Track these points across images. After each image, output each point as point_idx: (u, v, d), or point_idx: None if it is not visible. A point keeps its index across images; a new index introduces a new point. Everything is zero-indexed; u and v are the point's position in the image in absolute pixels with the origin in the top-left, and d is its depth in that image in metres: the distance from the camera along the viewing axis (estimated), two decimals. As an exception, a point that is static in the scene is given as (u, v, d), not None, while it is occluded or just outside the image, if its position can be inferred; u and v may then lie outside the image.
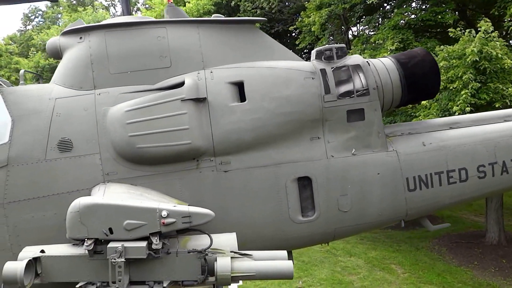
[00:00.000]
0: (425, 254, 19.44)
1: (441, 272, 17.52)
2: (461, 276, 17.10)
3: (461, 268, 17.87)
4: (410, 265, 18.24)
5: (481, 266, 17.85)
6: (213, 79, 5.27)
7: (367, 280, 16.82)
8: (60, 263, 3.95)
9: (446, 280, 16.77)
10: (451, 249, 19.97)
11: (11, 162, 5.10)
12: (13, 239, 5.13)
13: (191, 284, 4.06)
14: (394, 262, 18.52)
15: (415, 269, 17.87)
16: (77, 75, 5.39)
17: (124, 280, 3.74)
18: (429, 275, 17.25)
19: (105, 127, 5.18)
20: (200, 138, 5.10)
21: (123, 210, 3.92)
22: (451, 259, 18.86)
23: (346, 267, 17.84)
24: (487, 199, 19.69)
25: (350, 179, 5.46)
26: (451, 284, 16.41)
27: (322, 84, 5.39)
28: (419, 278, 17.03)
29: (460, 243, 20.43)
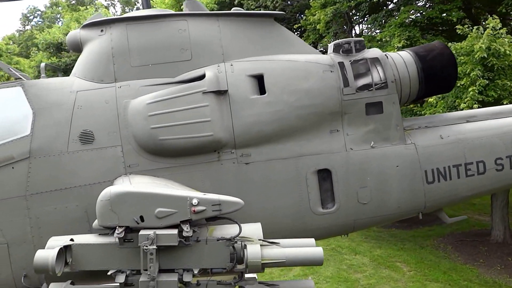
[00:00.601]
0: (430, 252, 19.46)
1: (447, 270, 17.54)
2: (467, 274, 17.12)
3: (466, 266, 17.90)
4: (415, 263, 18.26)
5: (487, 264, 17.87)
6: (233, 72, 5.30)
7: (373, 278, 16.84)
8: (90, 251, 3.97)
9: (452, 278, 16.79)
10: (456, 247, 19.99)
11: (33, 154, 5.12)
12: (35, 231, 5.15)
13: (219, 272, 4.10)
14: (399, 260, 18.53)
15: (420, 267, 17.89)
16: (98, 68, 5.42)
17: (155, 268, 3.76)
18: (435, 273, 17.27)
19: (127, 119, 5.21)
20: (222, 130, 5.13)
21: (154, 198, 3.94)
22: (456, 257, 18.88)
23: (351, 265, 17.86)
24: (492, 197, 19.73)
25: (369, 172, 5.50)
26: (457, 281, 16.43)
27: (341, 77, 5.43)
28: (425, 276, 17.05)
29: (465, 241, 20.45)
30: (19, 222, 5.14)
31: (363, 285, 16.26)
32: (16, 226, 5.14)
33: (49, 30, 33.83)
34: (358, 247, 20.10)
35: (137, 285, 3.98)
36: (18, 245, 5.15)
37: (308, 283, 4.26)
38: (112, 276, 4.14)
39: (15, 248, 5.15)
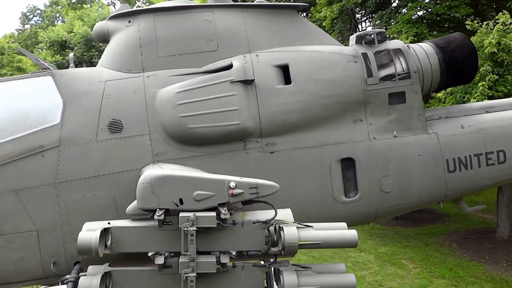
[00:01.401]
0: (435, 250, 19.53)
1: (453, 266, 17.63)
2: (473, 270, 17.20)
3: (472, 263, 17.98)
4: (421, 260, 18.34)
5: (493, 261, 17.95)
6: (259, 62, 5.38)
7: (379, 275, 16.91)
8: (130, 234, 4.05)
9: (459, 275, 16.86)
10: (461, 244, 20.07)
11: (63, 142, 5.20)
12: (64, 218, 5.22)
13: (255, 254, 4.18)
14: (404, 258, 18.62)
15: (426, 264, 17.97)
16: (126, 58, 5.50)
17: (194, 249, 3.84)
18: (440, 269, 17.35)
19: (155, 108, 5.28)
20: (249, 119, 5.21)
21: (193, 181, 4.01)
22: (462, 254, 18.95)
23: (357, 262, 17.94)
24: (498, 195, 19.80)
25: (391, 161, 5.58)
26: (463, 278, 16.51)
27: (365, 67, 5.52)
28: (431, 273, 17.13)
29: (470, 239, 20.54)
30: (49, 209, 5.21)
31: (370, 282, 16.33)
32: (45, 214, 5.21)
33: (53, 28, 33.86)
34: (363, 244, 20.17)
35: (175, 266, 4.06)
36: (47, 233, 5.22)
37: (340, 266, 4.35)
38: (147, 259, 4.22)
39: (45, 236, 5.22)
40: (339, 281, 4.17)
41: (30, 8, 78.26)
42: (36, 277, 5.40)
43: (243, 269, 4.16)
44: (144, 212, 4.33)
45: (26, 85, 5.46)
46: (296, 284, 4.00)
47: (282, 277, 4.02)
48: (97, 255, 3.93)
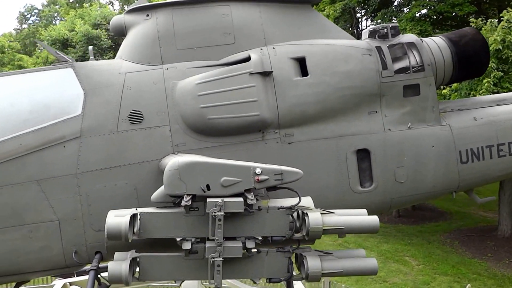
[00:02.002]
0: (437, 247, 19.70)
1: (455, 264, 17.79)
2: (475, 267, 17.36)
3: (475, 260, 18.14)
4: (423, 257, 18.49)
5: (495, 258, 18.10)
6: (276, 54, 5.47)
7: (382, 271, 17.03)
8: (157, 220, 4.11)
9: (461, 272, 17.02)
10: (463, 242, 20.24)
11: (84, 133, 5.26)
12: (85, 208, 5.29)
13: (279, 240, 4.26)
14: (407, 255, 18.76)
15: (429, 261, 18.12)
16: (145, 51, 5.58)
17: (222, 233, 3.92)
18: (443, 266, 17.51)
19: (174, 99, 5.36)
20: (267, 110, 5.29)
21: (220, 168, 4.08)
22: (464, 252, 19.12)
23: (361, 258, 18.00)
24: (500, 193, 19.95)
25: (406, 152, 5.67)
26: (466, 275, 16.67)
27: (379, 60, 5.61)
28: (433, 270, 17.28)
29: (472, 237, 20.70)
30: (70, 199, 5.27)
31: (373, 277, 16.43)
32: (67, 204, 5.27)
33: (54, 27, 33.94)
34: (365, 242, 20.33)
35: (201, 252, 4.14)
36: (69, 222, 5.28)
37: (360, 252, 4.44)
38: (170, 246, 4.30)
39: (66, 225, 5.28)
40: (361, 265, 4.27)
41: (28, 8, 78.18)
42: (58, 266, 5.45)
43: (267, 254, 4.25)
44: (168, 200, 4.40)
45: (48, 77, 5.53)
46: (320, 268, 4.09)
47: (306, 261, 4.10)
48: (126, 240, 4.00)
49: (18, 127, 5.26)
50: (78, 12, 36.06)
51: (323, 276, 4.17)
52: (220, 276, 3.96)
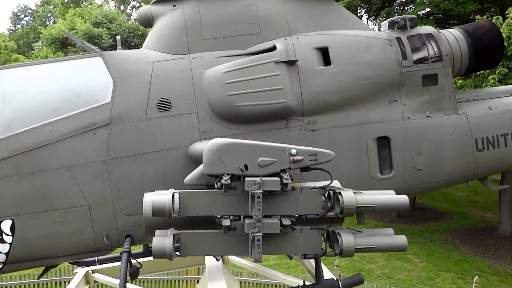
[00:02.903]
0: (439, 246, 19.90)
1: (458, 261, 17.99)
2: (478, 265, 17.56)
3: (477, 258, 18.35)
4: (426, 255, 18.68)
5: (497, 256, 18.32)
6: (300, 44, 5.63)
7: (386, 268, 17.20)
8: (197, 198, 4.23)
9: (464, 268, 17.22)
10: (464, 241, 20.45)
11: (114, 120, 5.40)
12: (115, 194, 5.42)
13: (312, 218, 4.41)
14: (410, 253, 18.93)
15: (431, 258, 18.31)
16: (172, 41, 5.73)
17: (261, 210, 4.07)
18: (446, 264, 17.70)
19: (202, 88, 5.51)
20: (292, 98, 5.45)
21: (257, 148, 4.21)
22: (465, 250, 19.33)
23: (364, 256, 18.21)
24: (500, 192, 20.16)
25: (424, 139, 5.84)
26: (469, 271, 16.87)
27: (399, 50, 5.79)
28: (437, 267, 17.47)
29: (473, 236, 20.91)
30: (100, 185, 5.40)
31: (378, 274, 16.62)
32: (97, 189, 5.40)
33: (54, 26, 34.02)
34: (368, 241, 20.39)
35: (238, 229, 4.29)
36: (98, 207, 5.41)
37: (389, 231, 4.59)
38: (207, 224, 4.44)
39: (96, 210, 5.41)
40: (391, 241, 4.41)
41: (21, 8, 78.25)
42: (88, 250, 5.58)
43: (301, 232, 4.39)
44: (202, 182, 4.54)
45: (77, 66, 5.67)
46: (354, 244, 4.23)
47: (341, 238, 4.25)
48: (170, 217, 4.14)
49: (49, 114, 5.39)
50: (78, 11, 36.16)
51: (356, 252, 4.32)
52: (260, 250, 4.11)
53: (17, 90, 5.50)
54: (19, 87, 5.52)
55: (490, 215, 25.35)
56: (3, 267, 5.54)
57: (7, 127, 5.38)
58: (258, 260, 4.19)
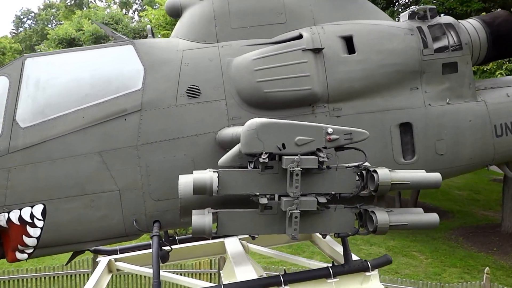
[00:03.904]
0: (443, 243, 20.05)
1: (463, 257, 18.14)
2: (483, 260, 17.71)
3: (481, 254, 18.50)
4: (430, 252, 18.82)
5: (501, 252, 18.48)
6: (325, 33, 5.79)
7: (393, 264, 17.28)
8: (235, 177, 4.35)
9: (469, 264, 17.37)
10: (467, 238, 20.61)
11: (144, 107, 5.53)
12: (145, 179, 5.54)
13: (346, 197, 4.55)
14: (414, 250, 19.08)
15: (436, 255, 18.45)
16: (201, 30, 5.88)
17: (299, 188, 4.20)
18: (451, 260, 17.85)
19: (230, 75, 5.65)
20: (318, 85, 5.60)
21: (295, 128, 4.33)
22: (469, 247, 19.49)
23: (369, 254, 18.34)
24: (504, 189, 20.34)
25: (445, 126, 6.00)
26: (474, 267, 17.02)
27: (420, 39, 5.95)
28: (442, 263, 17.62)
29: (476, 233, 21.08)
30: (130, 170, 5.52)
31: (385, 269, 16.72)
32: (127, 174, 5.52)
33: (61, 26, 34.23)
34: (372, 238, 20.60)
35: (274, 208, 4.42)
36: (129, 192, 5.53)
37: (419, 209, 4.73)
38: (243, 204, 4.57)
39: (126, 195, 5.53)
40: (423, 218, 4.56)
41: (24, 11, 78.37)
42: (117, 235, 5.69)
43: (335, 210, 4.52)
44: (235, 164, 4.67)
45: (109, 53, 5.80)
46: (388, 221, 4.38)
47: (375, 215, 4.39)
48: (211, 194, 4.27)
49: (81, 100, 5.52)
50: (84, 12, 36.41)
51: (389, 229, 4.46)
52: (297, 227, 4.24)
53: (50, 77, 5.62)
54: (53, 74, 5.65)
55: (492, 213, 25.53)
56: (33, 252, 5.65)
57: (41, 113, 5.50)
58: (295, 237, 4.32)
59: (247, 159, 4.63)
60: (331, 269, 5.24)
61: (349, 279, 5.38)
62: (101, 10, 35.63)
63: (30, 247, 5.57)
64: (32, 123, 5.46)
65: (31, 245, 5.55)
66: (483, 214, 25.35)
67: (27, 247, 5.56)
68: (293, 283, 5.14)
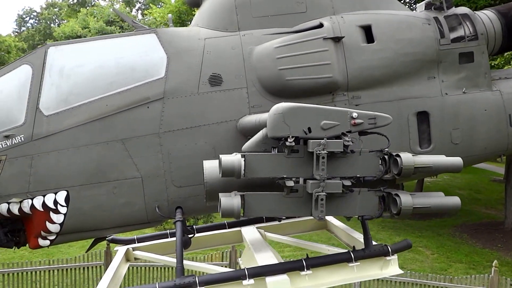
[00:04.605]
0: (448, 239, 20.14)
1: (468, 253, 18.24)
2: (488, 256, 17.81)
3: (486, 250, 18.60)
4: (436, 247, 18.92)
5: (505, 248, 18.58)
6: (345, 22, 5.87)
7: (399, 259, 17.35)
8: (261, 161, 4.43)
9: (475, 260, 17.47)
10: (472, 234, 20.71)
11: (167, 95, 5.60)
12: (167, 166, 5.61)
13: (370, 180, 4.64)
14: (420, 246, 19.16)
15: (442, 251, 18.54)
16: (223, 19, 5.96)
17: (325, 170, 4.29)
18: (457, 255, 17.95)
19: (252, 64, 5.73)
20: (338, 73, 5.68)
21: (320, 112, 4.42)
22: (474, 243, 19.58)
23: (375, 249, 18.39)
24: (506, 186, 20.43)
25: (461, 115, 6.08)
26: (480, 262, 17.12)
27: (437, 29, 6.04)
28: (448, 258, 17.71)
29: (480, 230, 21.18)
30: (153, 157, 5.60)
31: (392, 265, 16.80)
32: (149, 162, 5.60)
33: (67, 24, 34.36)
34: (377, 234, 20.69)
35: (300, 191, 4.50)
36: (151, 179, 5.61)
37: (440, 193, 4.81)
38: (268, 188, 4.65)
39: (149, 182, 5.61)
40: (446, 201, 4.64)
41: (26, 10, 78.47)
42: (139, 222, 5.77)
43: (359, 193, 4.61)
44: (259, 150, 4.74)
45: (132, 42, 5.87)
46: (412, 203, 4.47)
47: (399, 198, 4.48)
48: (238, 176, 4.36)
49: (104, 89, 5.59)
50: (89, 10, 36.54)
51: (413, 212, 4.54)
52: (323, 209, 4.32)
53: (73, 65, 5.69)
54: (76, 62, 5.71)
55: (494, 211, 25.64)
56: (56, 238, 5.74)
57: (64, 101, 5.57)
58: (322, 218, 4.41)
59: (271, 145, 4.71)
60: (352, 254, 5.33)
61: (369, 264, 5.47)
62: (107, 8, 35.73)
63: (53, 233, 5.65)
64: (56, 111, 5.54)
65: (54, 231, 5.62)
66: (485, 212, 25.45)
67: (50, 233, 5.64)
68: (315, 267, 5.23)
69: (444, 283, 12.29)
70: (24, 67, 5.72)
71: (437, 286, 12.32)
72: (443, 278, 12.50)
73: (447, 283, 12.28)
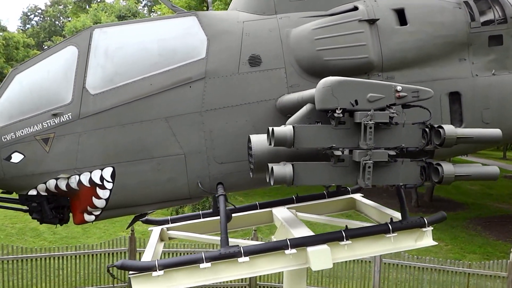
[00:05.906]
0: (461, 231, 20.29)
1: (481, 244, 18.39)
2: (501, 247, 17.96)
3: (499, 242, 18.75)
4: (450, 239, 19.07)
5: (519, 240, 18.70)
6: (378, 6, 6.07)
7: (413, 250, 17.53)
8: (309, 132, 4.66)
9: (488, 251, 17.62)
10: (485, 227, 20.84)
11: (208, 75, 5.84)
12: (208, 143, 5.85)
13: (413, 151, 4.86)
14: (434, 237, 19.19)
15: (456, 242, 18.71)
16: (260, 3, 6.17)
17: (372, 139, 4.51)
18: (470, 247, 18.10)
19: (289, 45, 5.95)
20: (373, 54, 5.88)
21: (367, 85, 4.65)
22: (487, 235, 19.73)
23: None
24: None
25: (491, 95, 6.26)
26: (493, 253, 17.26)
27: (468, 13, 6.23)
28: (462, 249, 17.86)
29: (493, 222, 21.33)
30: (195, 135, 5.83)
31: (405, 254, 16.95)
32: (192, 139, 5.83)
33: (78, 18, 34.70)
34: (391, 226, 20.79)
35: (347, 161, 4.72)
36: (193, 156, 5.84)
37: (477, 164, 5.02)
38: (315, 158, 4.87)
39: (191, 159, 5.84)
40: (485, 169, 4.85)
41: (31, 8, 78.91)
42: (182, 197, 6.01)
43: (402, 163, 4.83)
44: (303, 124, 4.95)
45: (174, 24, 6.11)
46: (454, 171, 4.68)
47: (441, 167, 4.69)
48: (291, 146, 4.58)
49: (148, 69, 5.82)
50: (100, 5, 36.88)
51: (455, 180, 4.75)
52: (370, 177, 4.54)
53: (118, 46, 5.92)
54: (120, 43, 5.95)
55: (506, 205, 25.74)
56: (101, 213, 5.98)
57: (110, 81, 5.81)
58: (368, 185, 4.63)
59: (315, 119, 4.93)
60: (390, 225, 5.54)
61: (405, 235, 5.69)
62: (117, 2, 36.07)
63: (98, 208, 5.89)
64: (102, 90, 5.77)
65: (100, 206, 5.86)
66: (498, 206, 25.56)
67: (96, 208, 5.88)
68: (354, 238, 5.45)
69: (463, 268, 12.47)
70: (70, 48, 5.95)
71: (455, 271, 12.50)
72: (461, 263, 12.67)
73: (465, 268, 12.46)
